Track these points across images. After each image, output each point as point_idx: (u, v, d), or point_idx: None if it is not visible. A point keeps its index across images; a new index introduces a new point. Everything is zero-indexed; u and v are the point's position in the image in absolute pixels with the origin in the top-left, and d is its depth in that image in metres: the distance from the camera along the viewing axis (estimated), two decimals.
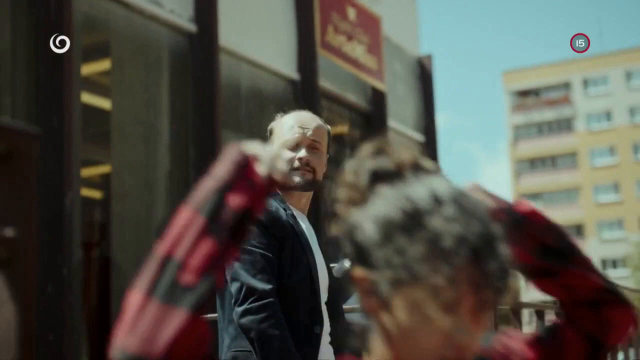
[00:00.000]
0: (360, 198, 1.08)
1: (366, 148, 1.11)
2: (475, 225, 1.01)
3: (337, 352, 2.49)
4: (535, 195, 54.86)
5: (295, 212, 2.52)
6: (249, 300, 2.33)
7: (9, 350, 1.21)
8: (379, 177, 1.08)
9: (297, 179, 2.50)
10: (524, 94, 58.67)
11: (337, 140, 9.41)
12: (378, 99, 9.81)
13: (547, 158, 56.86)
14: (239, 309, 2.33)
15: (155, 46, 6.84)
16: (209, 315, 1.03)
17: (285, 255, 2.43)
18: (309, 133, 2.53)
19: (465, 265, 0.98)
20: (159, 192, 6.72)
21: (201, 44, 6.92)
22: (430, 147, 11.19)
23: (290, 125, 2.54)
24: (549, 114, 57.28)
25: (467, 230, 1.00)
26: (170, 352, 0.95)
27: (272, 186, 1.08)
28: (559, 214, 46.30)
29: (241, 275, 2.34)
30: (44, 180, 5.20)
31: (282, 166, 1.08)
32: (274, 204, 2.47)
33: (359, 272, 1.05)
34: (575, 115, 56.74)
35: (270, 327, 2.32)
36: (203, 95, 6.84)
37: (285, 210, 2.48)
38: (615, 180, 54.32)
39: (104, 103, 7.06)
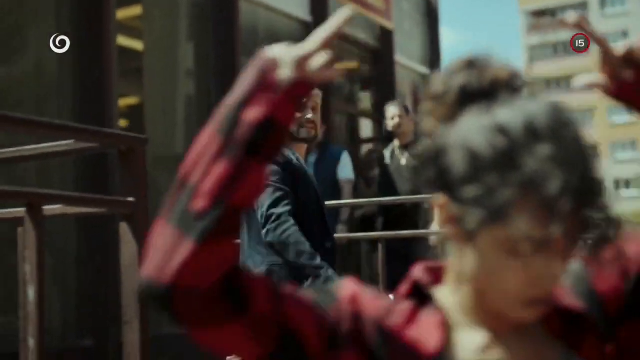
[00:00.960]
0: (447, 115, 0.97)
1: (458, 60, 0.99)
2: (577, 168, 0.89)
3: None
4: None
5: (299, 156, 3.06)
6: (270, 222, 2.83)
7: (134, 275, 1.97)
8: (469, 95, 0.96)
9: (304, 133, 3.03)
10: (539, 14, 57.99)
11: (347, 77, 10.09)
12: (386, 36, 10.27)
13: (562, 79, 56.45)
14: (263, 231, 2.84)
15: None
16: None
17: (299, 187, 2.95)
18: (313, 95, 3.02)
19: (565, 214, 0.88)
20: (182, 123, 7.48)
21: None
22: None
23: None
24: (564, 35, 56.75)
25: (568, 174, 0.88)
26: (176, 280, 0.92)
27: (298, 89, 0.95)
28: None
29: (262, 205, 2.85)
30: (88, 111, 5.96)
31: (318, 62, 0.94)
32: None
33: (443, 199, 0.97)
34: None
35: (288, 236, 2.80)
36: (224, 38, 7.44)
37: (294, 154, 3.02)
38: None
39: (137, 44, 7.75)
